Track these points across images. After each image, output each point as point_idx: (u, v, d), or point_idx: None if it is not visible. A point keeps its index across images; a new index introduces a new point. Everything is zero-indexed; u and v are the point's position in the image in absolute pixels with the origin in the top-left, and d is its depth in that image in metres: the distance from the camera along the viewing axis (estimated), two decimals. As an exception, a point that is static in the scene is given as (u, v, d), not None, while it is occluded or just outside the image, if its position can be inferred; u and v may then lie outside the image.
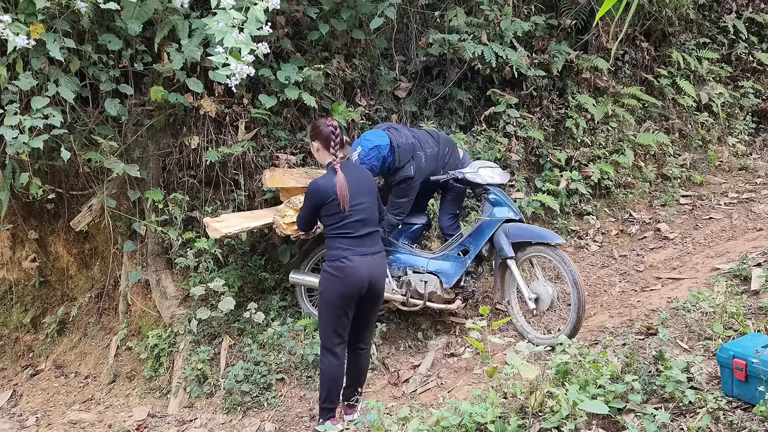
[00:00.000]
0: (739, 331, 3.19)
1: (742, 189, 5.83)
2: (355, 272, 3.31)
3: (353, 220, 3.35)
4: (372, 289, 3.40)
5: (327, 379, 3.40)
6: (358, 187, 3.39)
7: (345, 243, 3.35)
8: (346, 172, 3.37)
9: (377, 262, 3.40)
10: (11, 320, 5.41)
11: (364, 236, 3.37)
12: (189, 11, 4.08)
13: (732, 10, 6.63)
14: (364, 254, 3.35)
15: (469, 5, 5.14)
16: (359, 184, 3.40)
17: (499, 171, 4.29)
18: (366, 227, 3.39)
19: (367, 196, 3.42)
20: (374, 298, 3.46)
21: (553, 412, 2.62)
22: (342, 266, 3.31)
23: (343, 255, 3.33)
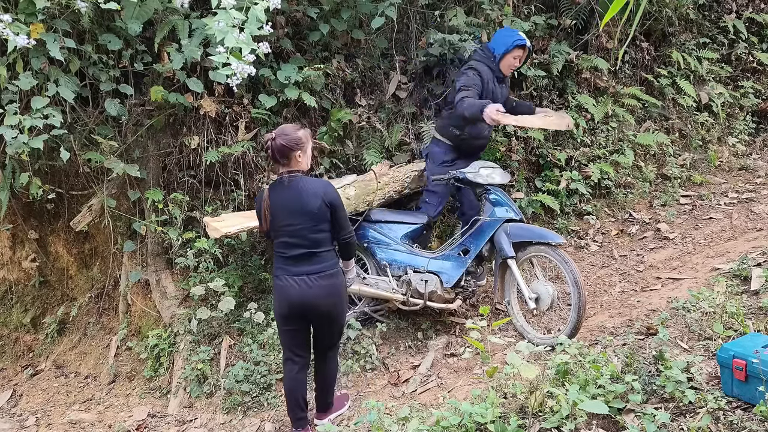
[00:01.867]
0: (739, 331, 3.19)
1: (742, 189, 5.83)
2: (286, 292, 3.29)
3: (281, 241, 3.30)
4: (312, 311, 3.32)
5: (284, 389, 3.51)
6: (290, 207, 3.25)
7: (279, 262, 3.35)
8: (280, 190, 3.28)
9: (313, 283, 3.27)
10: (11, 320, 5.41)
11: (296, 257, 3.28)
12: (189, 11, 4.08)
13: (732, 10, 6.63)
14: (297, 275, 3.27)
15: (469, 5, 5.14)
16: (294, 205, 3.25)
17: (499, 171, 4.30)
18: (297, 249, 3.27)
19: (300, 217, 3.25)
20: (318, 318, 3.37)
21: (553, 412, 2.62)
22: (276, 285, 3.35)
23: (276, 274, 3.35)
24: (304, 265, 3.28)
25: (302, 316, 3.35)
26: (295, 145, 3.26)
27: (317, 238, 3.30)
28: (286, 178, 3.29)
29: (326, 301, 3.33)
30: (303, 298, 3.27)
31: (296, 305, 3.30)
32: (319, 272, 3.29)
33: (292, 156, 3.27)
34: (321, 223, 3.30)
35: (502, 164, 5.04)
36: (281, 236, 3.30)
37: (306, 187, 3.29)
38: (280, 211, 3.27)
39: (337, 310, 3.41)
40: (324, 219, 3.30)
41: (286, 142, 3.23)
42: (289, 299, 3.29)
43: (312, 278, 3.28)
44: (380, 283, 4.29)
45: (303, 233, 3.26)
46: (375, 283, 4.28)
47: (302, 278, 3.27)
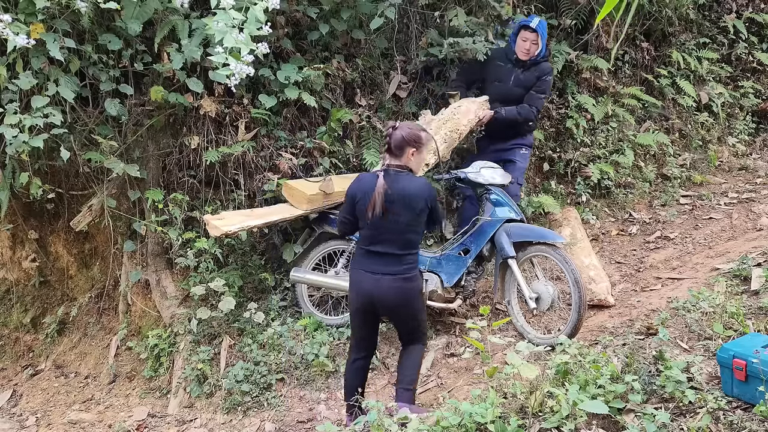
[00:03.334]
0: (739, 331, 3.19)
1: (742, 189, 5.83)
2: (359, 285, 3.29)
3: (370, 233, 3.24)
4: (383, 309, 3.32)
5: (344, 374, 3.49)
6: (392, 202, 3.16)
7: (360, 254, 3.31)
8: (390, 182, 3.17)
9: (389, 284, 3.23)
10: (11, 320, 5.41)
11: (380, 254, 3.23)
12: (189, 11, 4.08)
13: (732, 10, 6.63)
14: (374, 272, 3.24)
15: (469, 5, 5.13)
16: (397, 201, 3.17)
17: (500, 172, 4.31)
18: (383, 246, 3.22)
19: (399, 214, 3.17)
20: (391, 316, 3.42)
21: (553, 412, 2.62)
22: (351, 276, 3.35)
23: (353, 265, 3.35)
24: (383, 265, 3.23)
25: (372, 311, 3.33)
26: (414, 142, 3.21)
27: (409, 239, 3.27)
28: (393, 171, 3.22)
29: (398, 303, 3.29)
30: (373, 296, 3.25)
31: (367, 300, 3.27)
32: (397, 274, 3.24)
33: (406, 151, 3.20)
34: (417, 225, 3.27)
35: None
36: (371, 229, 3.22)
37: (412, 186, 3.23)
38: (392, 203, 3.17)
39: (410, 311, 3.35)
40: (421, 221, 3.28)
41: (406, 135, 3.18)
42: (360, 293, 3.28)
43: (387, 278, 3.22)
44: (380, 283, 4.28)
45: (397, 231, 3.21)
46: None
47: (377, 276, 3.22)
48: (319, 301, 4.53)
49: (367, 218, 3.19)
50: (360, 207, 3.23)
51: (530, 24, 4.49)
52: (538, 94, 4.71)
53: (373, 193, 3.15)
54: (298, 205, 4.32)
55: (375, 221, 3.19)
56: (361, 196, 3.23)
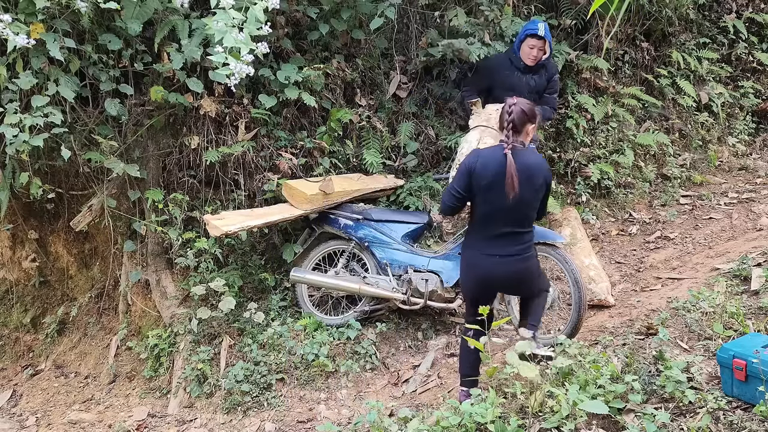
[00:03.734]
0: (739, 331, 3.19)
1: (742, 189, 5.83)
2: (474, 270, 3.23)
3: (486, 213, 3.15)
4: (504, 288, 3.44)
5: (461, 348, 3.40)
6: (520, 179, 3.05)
7: (475, 235, 3.23)
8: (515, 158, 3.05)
9: (507, 267, 3.18)
10: (11, 320, 5.41)
11: (499, 236, 3.15)
12: (189, 11, 4.08)
13: (732, 10, 6.63)
14: (492, 255, 3.17)
15: (469, 5, 5.13)
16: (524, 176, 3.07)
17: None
18: (502, 226, 3.14)
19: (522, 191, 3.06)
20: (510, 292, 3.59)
21: (553, 412, 2.62)
22: (465, 259, 3.29)
23: (468, 244, 3.28)
24: (503, 246, 3.16)
25: (490, 291, 3.33)
26: (533, 117, 3.17)
27: (528, 216, 3.20)
28: (520, 146, 3.12)
29: (519, 283, 3.32)
30: (493, 278, 3.22)
31: (485, 284, 3.26)
32: (516, 255, 3.18)
33: (526, 126, 3.15)
34: (536, 202, 3.20)
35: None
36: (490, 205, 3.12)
37: (533, 162, 3.15)
38: (497, 187, 3.06)
39: (531, 286, 3.38)
40: (539, 198, 3.20)
41: (528, 110, 3.13)
42: (478, 277, 3.24)
43: (508, 260, 3.17)
44: (381, 282, 4.29)
45: (518, 208, 3.12)
46: (375, 283, 4.29)
47: (496, 259, 3.16)
48: (319, 301, 4.53)
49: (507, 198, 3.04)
50: (478, 182, 3.11)
51: (537, 32, 4.40)
52: (553, 94, 4.74)
53: (506, 169, 3.01)
54: (298, 205, 4.32)
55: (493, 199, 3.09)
56: (485, 173, 3.09)
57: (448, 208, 3.31)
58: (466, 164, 3.18)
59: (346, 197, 4.40)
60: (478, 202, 3.17)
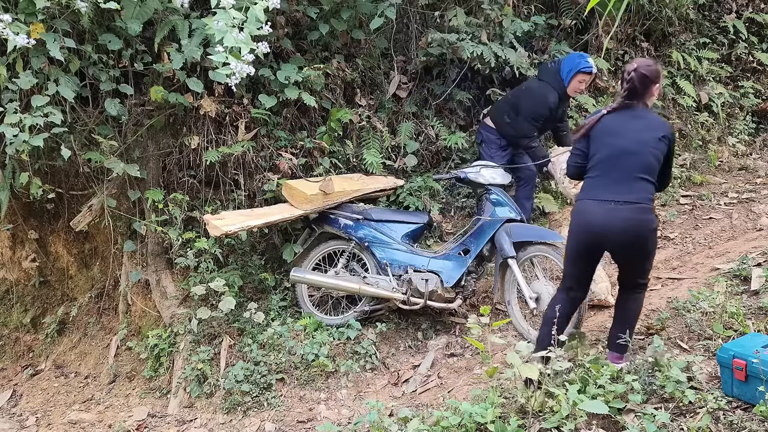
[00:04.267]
0: (739, 331, 3.19)
1: (742, 189, 5.83)
2: (585, 217, 3.04)
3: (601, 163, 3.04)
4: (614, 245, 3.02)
5: (547, 312, 3.20)
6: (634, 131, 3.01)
7: (588, 185, 3.09)
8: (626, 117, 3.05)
9: (622, 214, 2.94)
10: (11, 320, 5.41)
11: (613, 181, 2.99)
12: (189, 11, 4.08)
13: (732, 10, 6.63)
14: (605, 200, 2.97)
15: (469, 5, 5.14)
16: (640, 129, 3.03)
17: (501, 171, 4.31)
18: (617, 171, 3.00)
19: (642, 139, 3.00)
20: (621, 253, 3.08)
21: (553, 412, 2.63)
22: (577, 209, 3.11)
23: (580, 197, 3.11)
24: (618, 193, 2.98)
25: (597, 247, 3.08)
26: (657, 78, 3.08)
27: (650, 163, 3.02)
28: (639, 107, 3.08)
29: (632, 239, 2.99)
30: (604, 228, 2.98)
31: (594, 234, 3.02)
32: (634, 203, 2.97)
33: (650, 89, 3.08)
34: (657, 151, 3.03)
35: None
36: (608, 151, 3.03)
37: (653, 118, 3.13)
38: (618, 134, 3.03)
39: (645, 250, 3.06)
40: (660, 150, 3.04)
41: (649, 72, 3.03)
42: (587, 224, 3.03)
43: (623, 208, 2.96)
44: (381, 282, 4.29)
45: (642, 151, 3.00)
46: (375, 283, 4.28)
47: (611, 206, 2.96)
48: (319, 301, 4.53)
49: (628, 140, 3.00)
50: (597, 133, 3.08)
51: (592, 70, 4.45)
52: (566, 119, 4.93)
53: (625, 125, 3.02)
54: (298, 205, 4.32)
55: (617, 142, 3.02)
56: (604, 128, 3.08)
57: (573, 168, 3.25)
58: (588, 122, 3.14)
59: (346, 197, 4.40)
60: (598, 146, 3.08)
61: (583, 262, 3.14)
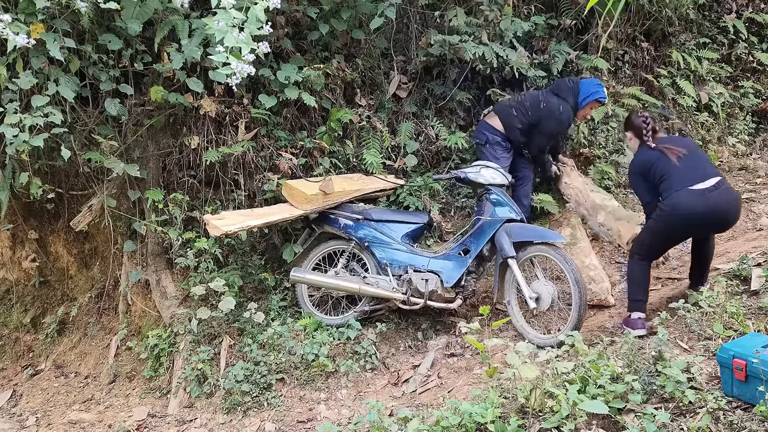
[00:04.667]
0: (739, 331, 3.19)
1: (742, 189, 5.82)
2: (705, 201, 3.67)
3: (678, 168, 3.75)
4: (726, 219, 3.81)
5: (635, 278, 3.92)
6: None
7: (674, 183, 3.71)
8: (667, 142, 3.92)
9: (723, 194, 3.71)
10: (11, 320, 5.41)
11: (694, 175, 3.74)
12: (189, 11, 4.08)
13: (732, 10, 6.62)
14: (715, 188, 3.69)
15: (469, 5, 5.13)
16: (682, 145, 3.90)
17: (501, 172, 4.31)
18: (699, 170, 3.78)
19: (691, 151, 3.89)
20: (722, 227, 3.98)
21: (553, 412, 2.62)
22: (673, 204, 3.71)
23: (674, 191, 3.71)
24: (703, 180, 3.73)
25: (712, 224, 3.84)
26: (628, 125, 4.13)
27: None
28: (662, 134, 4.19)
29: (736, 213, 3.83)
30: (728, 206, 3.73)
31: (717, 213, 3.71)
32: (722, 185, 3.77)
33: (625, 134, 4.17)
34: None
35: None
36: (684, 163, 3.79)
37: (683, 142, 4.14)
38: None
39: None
40: None
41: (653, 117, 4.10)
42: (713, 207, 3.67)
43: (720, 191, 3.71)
44: (381, 282, 4.29)
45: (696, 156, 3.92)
46: (375, 282, 4.29)
47: (719, 191, 3.70)
48: (319, 301, 4.54)
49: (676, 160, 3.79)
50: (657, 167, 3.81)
51: (605, 101, 4.76)
52: None
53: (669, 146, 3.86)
54: (298, 205, 4.32)
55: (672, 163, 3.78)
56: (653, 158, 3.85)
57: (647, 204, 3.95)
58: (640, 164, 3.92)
59: (346, 197, 4.40)
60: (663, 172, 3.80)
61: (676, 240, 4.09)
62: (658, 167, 3.81)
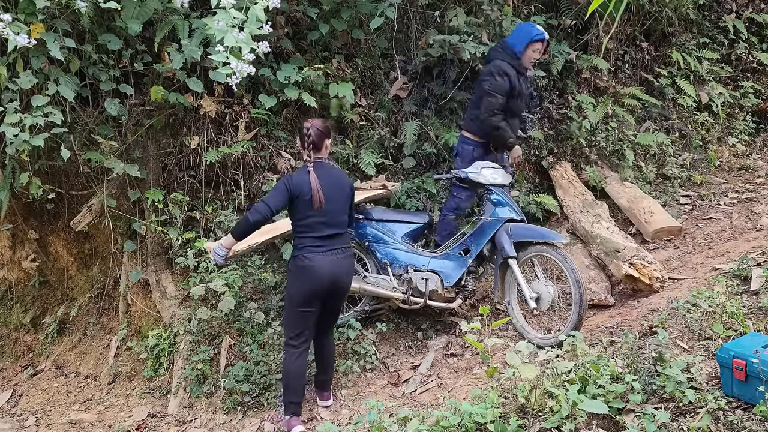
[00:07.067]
0: (739, 331, 3.19)
1: (742, 189, 5.83)
2: (315, 271, 3.41)
3: (315, 221, 3.43)
4: (337, 287, 3.53)
5: (286, 373, 3.56)
6: (331, 189, 3.47)
7: (307, 242, 3.45)
8: (320, 174, 3.45)
9: (341, 261, 3.50)
10: (11, 320, 5.41)
11: (327, 237, 3.46)
12: (189, 11, 4.08)
13: (732, 10, 6.63)
14: (327, 253, 3.44)
15: (469, 5, 5.14)
16: (333, 187, 3.49)
17: (501, 172, 4.31)
18: (328, 228, 3.47)
19: (337, 199, 3.50)
20: (339, 294, 3.60)
21: (553, 412, 2.62)
22: (301, 265, 3.43)
23: (301, 254, 3.44)
24: (333, 244, 3.48)
25: (327, 294, 3.50)
26: (329, 133, 3.57)
27: (344, 220, 3.57)
28: (325, 162, 3.54)
29: (347, 279, 3.59)
30: (334, 275, 3.46)
31: (325, 280, 3.44)
32: (344, 251, 3.53)
33: (324, 143, 3.52)
34: (347, 207, 3.60)
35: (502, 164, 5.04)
36: (315, 216, 3.43)
37: (339, 173, 3.66)
38: (326, 192, 3.44)
39: (349, 285, 3.67)
40: (350, 203, 3.62)
41: (323, 129, 3.49)
42: (318, 275, 3.42)
43: (340, 256, 3.49)
44: (381, 281, 4.29)
45: (336, 214, 3.50)
46: (376, 282, 4.28)
47: (332, 257, 3.45)
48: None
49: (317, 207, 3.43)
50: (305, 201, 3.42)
51: (545, 37, 4.42)
52: (530, 95, 4.76)
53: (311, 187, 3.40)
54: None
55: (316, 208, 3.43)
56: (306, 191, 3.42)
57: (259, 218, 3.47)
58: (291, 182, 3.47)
59: None
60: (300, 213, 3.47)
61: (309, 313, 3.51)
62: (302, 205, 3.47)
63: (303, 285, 3.45)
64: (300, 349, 3.53)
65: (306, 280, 3.44)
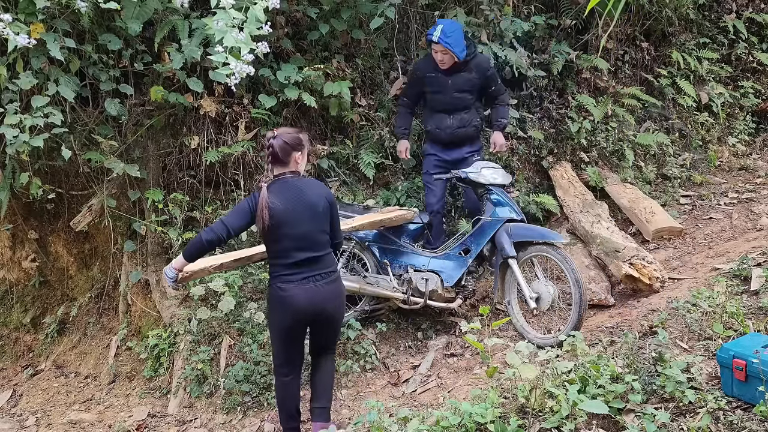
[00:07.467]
0: (739, 331, 3.19)
1: (742, 189, 5.83)
2: (290, 302, 3.12)
3: (283, 246, 3.13)
4: (319, 316, 3.21)
5: (277, 400, 3.41)
6: (296, 209, 3.13)
7: (279, 269, 3.16)
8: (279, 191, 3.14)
9: (321, 288, 3.16)
10: (11, 320, 5.41)
11: (301, 262, 3.13)
12: (189, 11, 4.08)
13: (732, 10, 6.62)
14: (302, 281, 3.13)
15: (469, 5, 5.14)
16: (300, 206, 3.14)
17: (501, 172, 4.31)
18: (301, 253, 3.13)
19: (306, 219, 3.15)
20: (326, 322, 3.27)
21: (553, 412, 2.62)
22: (276, 295, 3.16)
23: (278, 283, 3.15)
24: (308, 270, 3.14)
25: (307, 323, 3.24)
26: (297, 145, 3.20)
27: (321, 240, 3.21)
28: (289, 177, 3.18)
29: (332, 305, 3.24)
30: (311, 305, 3.14)
31: (303, 313, 3.15)
32: (325, 276, 3.19)
33: (292, 157, 3.19)
34: (324, 225, 3.23)
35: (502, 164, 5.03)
36: (283, 240, 3.12)
37: (310, 186, 3.23)
38: (284, 213, 3.10)
39: (340, 313, 3.35)
40: (327, 220, 3.24)
41: (289, 140, 3.16)
42: (295, 308, 3.13)
43: (319, 283, 3.16)
44: (381, 281, 4.29)
45: (309, 236, 3.15)
46: (376, 282, 4.28)
47: (308, 285, 3.13)
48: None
49: (262, 230, 3.12)
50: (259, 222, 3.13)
51: (432, 38, 4.24)
52: (499, 88, 4.67)
53: (262, 204, 3.07)
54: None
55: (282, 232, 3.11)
56: (250, 209, 3.15)
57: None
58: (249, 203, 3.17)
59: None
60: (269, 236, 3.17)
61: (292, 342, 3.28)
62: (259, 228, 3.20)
63: (280, 316, 3.18)
64: (289, 377, 3.31)
65: (282, 312, 3.16)
